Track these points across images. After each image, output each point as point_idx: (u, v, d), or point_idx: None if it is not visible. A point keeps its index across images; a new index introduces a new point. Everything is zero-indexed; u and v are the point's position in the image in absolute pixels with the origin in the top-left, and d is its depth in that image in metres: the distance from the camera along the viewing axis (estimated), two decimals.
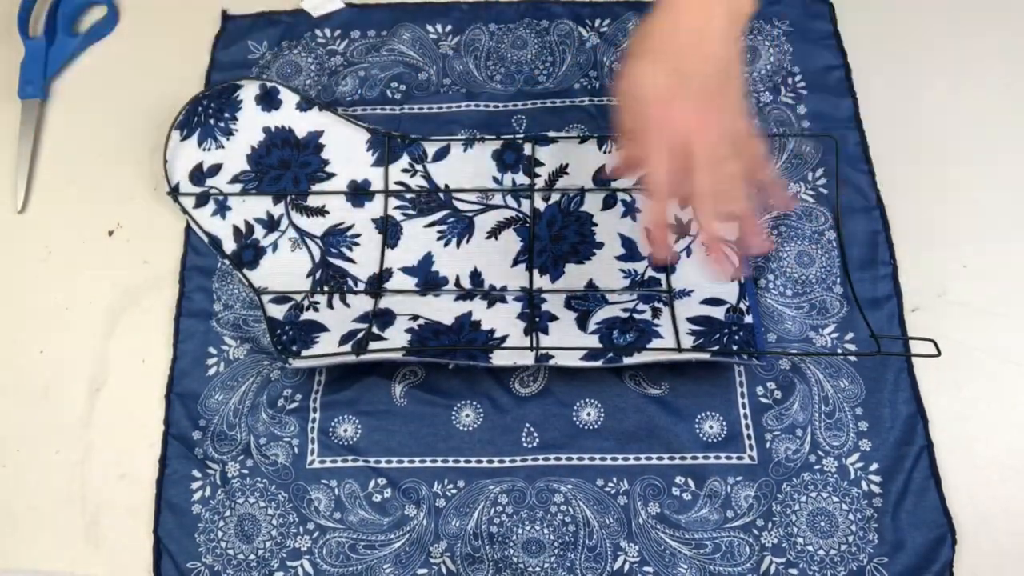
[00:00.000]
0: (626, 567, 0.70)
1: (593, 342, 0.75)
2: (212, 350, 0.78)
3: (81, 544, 0.74)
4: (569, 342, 0.75)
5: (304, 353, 0.74)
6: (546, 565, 0.70)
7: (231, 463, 0.74)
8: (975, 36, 0.89)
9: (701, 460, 0.73)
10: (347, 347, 0.75)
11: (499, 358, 0.74)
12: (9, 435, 0.78)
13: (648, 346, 0.74)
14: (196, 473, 0.74)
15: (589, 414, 0.75)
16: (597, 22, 0.91)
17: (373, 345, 0.74)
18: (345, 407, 0.76)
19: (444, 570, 0.70)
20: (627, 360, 0.73)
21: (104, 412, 0.78)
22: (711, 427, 0.74)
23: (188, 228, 0.83)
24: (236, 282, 0.81)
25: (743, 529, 0.71)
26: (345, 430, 0.75)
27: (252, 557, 0.71)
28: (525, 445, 0.74)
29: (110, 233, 0.85)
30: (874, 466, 0.72)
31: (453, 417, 0.75)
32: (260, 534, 0.72)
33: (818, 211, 0.81)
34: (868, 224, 0.80)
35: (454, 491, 0.73)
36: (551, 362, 0.73)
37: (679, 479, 0.72)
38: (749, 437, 0.73)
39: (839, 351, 0.76)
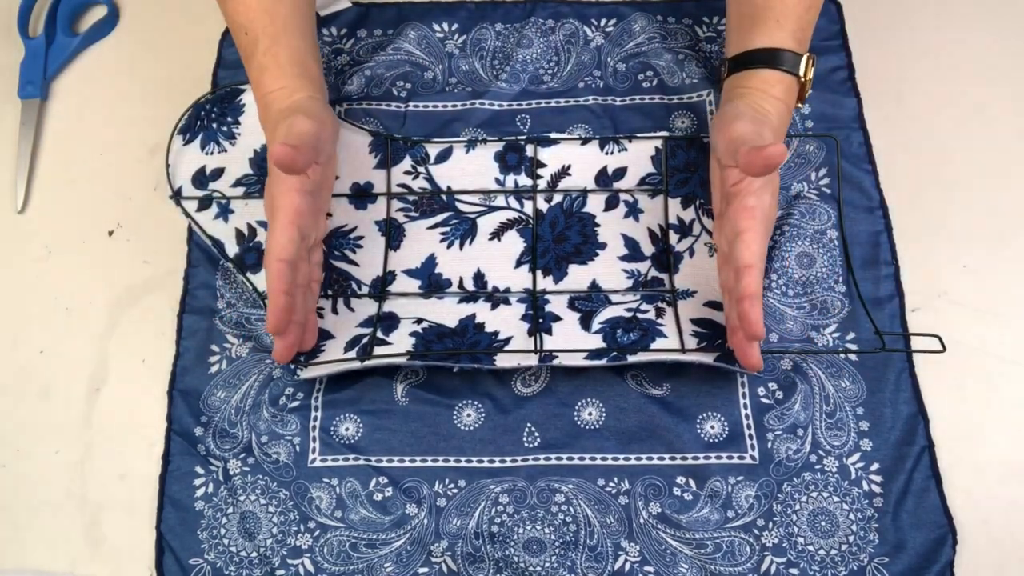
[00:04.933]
0: (627, 567, 0.73)
1: (597, 342, 0.78)
2: (215, 348, 0.81)
3: (81, 544, 0.76)
4: (573, 343, 0.78)
5: (311, 362, 0.77)
6: (547, 564, 0.73)
7: (233, 460, 0.77)
8: (980, 38, 0.91)
9: (702, 460, 0.76)
10: (352, 353, 0.77)
11: (503, 360, 0.77)
12: (9, 435, 0.80)
13: (652, 346, 0.77)
14: (199, 470, 0.77)
15: (590, 414, 0.78)
16: (603, 22, 0.94)
17: (378, 350, 0.77)
18: (347, 406, 0.79)
19: (445, 569, 0.73)
20: (631, 359, 0.75)
21: (104, 412, 0.81)
22: (712, 427, 0.77)
23: (191, 226, 0.86)
24: (239, 280, 0.83)
25: (744, 529, 0.74)
26: (346, 429, 0.78)
27: (254, 555, 0.74)
28: (526, 445, 0.77)
29: (110, 233, 0.87)
30: (875, 466, 0.75)
31: (454, 416, 0.78)
32: (261, 532, 0.75)
33: (821, 209, 0.84)
34: (871, 224, 0.83)
35: (455, 490, 0.76)
36: (555, 362, 0.76)
37: (680, 479, 0.75)
38: (751, 437, 0.76)
39: (843, 348, 0.79)
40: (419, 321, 0.80)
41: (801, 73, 0.76)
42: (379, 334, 0.79)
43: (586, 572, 0.73)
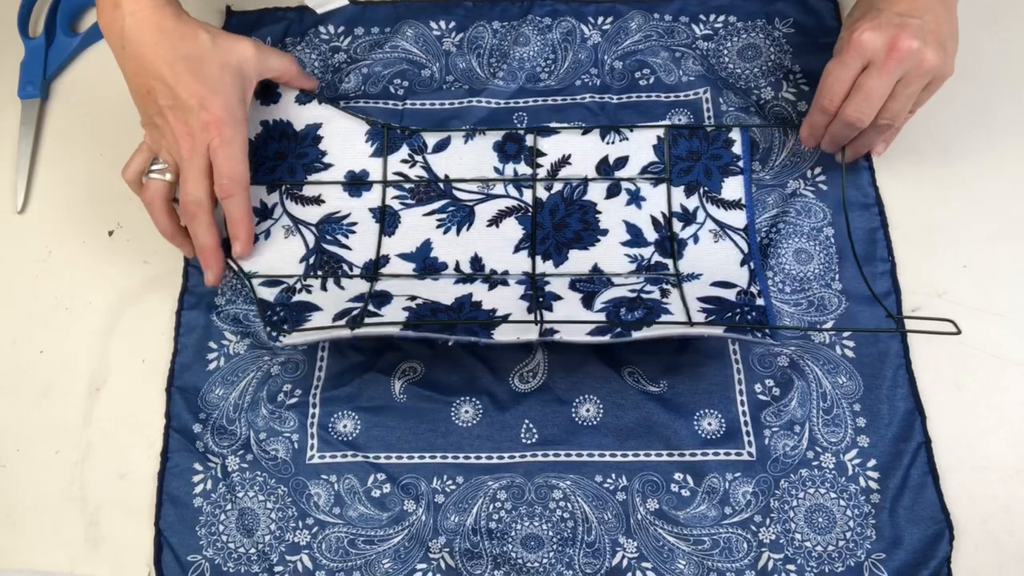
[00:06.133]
0: (624, 563, 0.73)
1: (600, 320, 0.77)
2: (213, 344, 0.82)
3: (81, 544, 0.77)
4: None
5: (296, 328, 0.75)
6: (544, 561, 0.74)
7: (231, 457, 0.78)
8: (977, 34, 0.90)
9: (700, 457, 0.76)
10: (341, 322, 0.76)
11: (501, 333, 0.75)
12: (9, 435, 0.81)
13: (658, 320, 0.75)
14: (197, 466, 0.78)
15: (588, 410, 0.78)
16: (600, 20, 0.94)
17: (369, 321, 0.75)
18: (345, 403, 0.79)
19: (443, 565, 0.74)
20: (636, 335, 0.74)
21: (104, 412, 0.81)
22: (710, 424, 0.77)
23: None
24: (237, 277, 0.84)
25: (741, 525, 0.74)
26: (344, 426, 0.78)
27: (252, 551, 0.75)
28: (524, 441, 0.78)
29: (110, 233, 0.88)
30: (872, 462, 0.75)
31: (452, 413, 0.79)
32: (260, 528, 0.75)
33: (817, 207, 0.84)
34: (867, 221, 0.84)
35: (453, 487, 0.76)
36: (555, 337, 0.74)
37: (678, 475, 0.76)
38: (748, 434, 0.77)
39: (861, 328, 0.79)
40: (413, 298, 0.79)
41: None
42: (371, 308, 0.78)
43: (584, 568, 0.74)
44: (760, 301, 0.78)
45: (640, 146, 0.86)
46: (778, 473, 0.76)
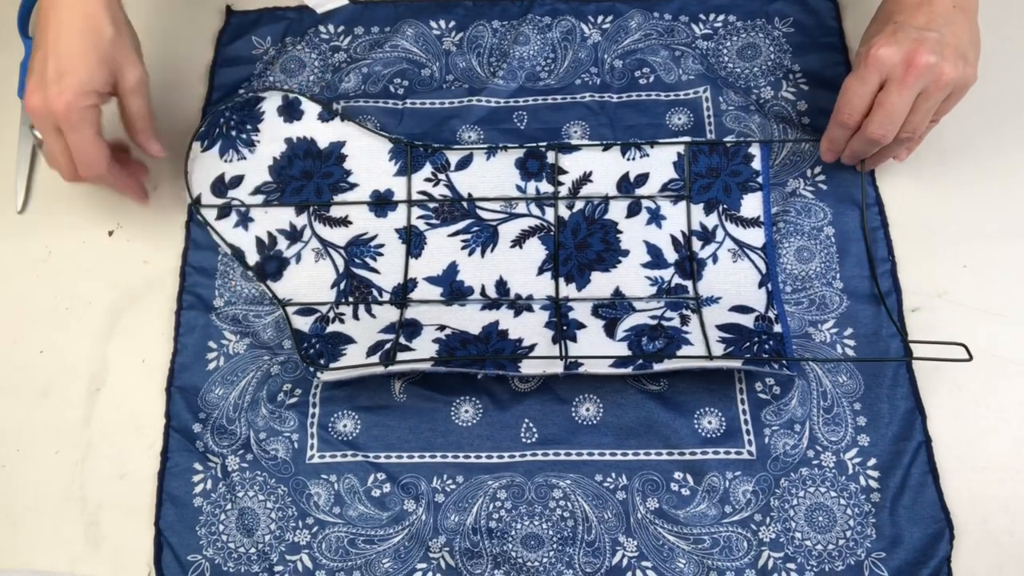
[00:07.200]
0: (624, 562, 0.74)
1: (622, 349, 0.78)
2: (212, 344, 0.82)
3: (81, 544, 0.77)
4: (598, 350, 0.78)
5: (333, 365, 0.77)
6: (544, 560, 0.74)
7: (231, 457, 0.78)
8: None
9: (700, 456, 0.76)
10: (375, 358, 0.77)
11: (528, 367, 0.77)
12: (9, 435, 0.81)
13: (678, 353, 0.77)
14: (197, 466, 0.78)
15: (588, 410, 0.79)
16: (600, 19, 0.95)
17: (401, 356, 0.77)
18: (344, 402, 0.80)
19: (443, 565, 0.74)
20: (657, 367, 0.75)
21: (104, 412, 0.82)
22: (710, 423, 0.78)
23: (188, 223, 0.87)
24: (237, 277, 0.85)
25: (741, 524, 0.74)
26: (344, 425, 0.79)
27: (252, 551, 0.75)
28: (524, 441, 0.78)
29: (110, 233, 0.88)
30: (872, 461, 0.76)
31: (452, 413, 0.79)
32: (260, 528, 0.76)
33: (817, 206, 0.84)
34: (867, 220, 0.83)
35: (453, 486, 0.77)
36: (580, 370, 0.76)
37: (678, 474, 0.76)
38: (748, 432, 0.77)
39: (875, 358, 0.79)
40: (442, 328, 0.80)
41: None
42: (402, 340, 0.79)
43: (584, 567, 0.74)
44: (777, 327, 0.79)
45: (661, 163, 0.87)
46: (778, 472, 0.76)
